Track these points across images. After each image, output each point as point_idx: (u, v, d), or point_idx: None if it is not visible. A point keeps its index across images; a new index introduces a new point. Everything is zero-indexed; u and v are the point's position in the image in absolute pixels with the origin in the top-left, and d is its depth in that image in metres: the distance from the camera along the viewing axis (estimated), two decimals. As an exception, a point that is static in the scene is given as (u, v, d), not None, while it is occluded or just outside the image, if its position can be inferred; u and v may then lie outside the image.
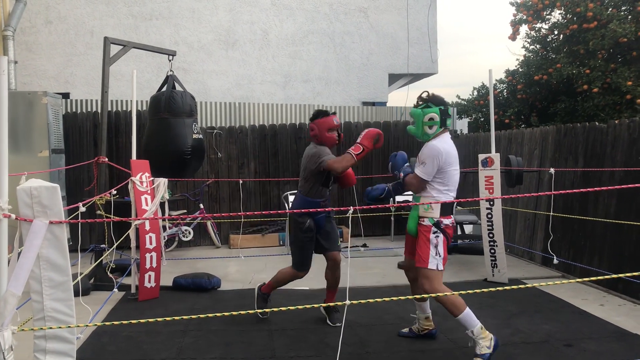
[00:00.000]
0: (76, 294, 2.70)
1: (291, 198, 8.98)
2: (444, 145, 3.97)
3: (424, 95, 4.09)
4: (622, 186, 3.25)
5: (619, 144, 5.88)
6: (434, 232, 3.97)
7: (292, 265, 4.77)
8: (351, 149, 4.34)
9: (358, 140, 4.39)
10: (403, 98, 20.35)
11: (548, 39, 10.49)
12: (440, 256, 3.95)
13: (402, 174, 4.15)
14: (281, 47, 11.91)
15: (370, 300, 3.37)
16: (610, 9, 9.31)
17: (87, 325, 2.87)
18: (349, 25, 12.29)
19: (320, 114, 4.53)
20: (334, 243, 4.71)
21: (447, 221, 4.01)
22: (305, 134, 9.47)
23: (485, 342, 3.83)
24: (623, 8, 9.61)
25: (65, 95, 10.07)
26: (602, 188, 3.37)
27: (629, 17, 9.07)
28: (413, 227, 4.13)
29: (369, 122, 9.93)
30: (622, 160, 5.80)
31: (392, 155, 4.33)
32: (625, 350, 4.05)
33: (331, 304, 4.25)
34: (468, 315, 3.87)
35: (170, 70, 6.91)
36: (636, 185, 3.16)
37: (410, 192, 4.20)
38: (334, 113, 4.56)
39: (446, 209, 3.98)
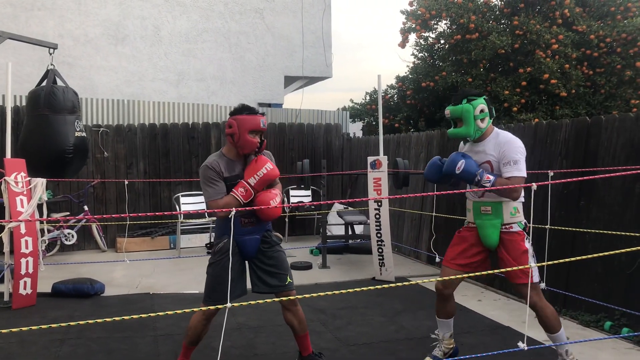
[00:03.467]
0: None
1: (183, 200, 8.78)
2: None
3: (460, 91, 3.65)
4: (498, 187, 3.47)
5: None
6: (527, 239, 3.54)
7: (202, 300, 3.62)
8: (237, 190, 3.46)
9: (249, 180, 3.49)
10: (298, 100, 20.51)
11: (435, 48, 11.00)
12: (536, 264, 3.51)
13: (490, 177, 3.44)
14: (174, 45, 11.62)
15: (260, 302, 3.35)
16: (490, 22, 9.92)
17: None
18: (244, 26, 12.23)
19: (245, 110, 3.54)
20: (280, 278, 3.61)
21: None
22: (198, 134, 9.29)
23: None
24: (502, 22, 10.29)
25: None
26: (483, 189, 3.56)
27: (507, 30, 9.72)
28: (496, 237, 3.55)
29: (263, 123, 9.89)
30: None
31: (449, 160, 3.62)
32: (498, 342, 4.32)
33: (309, 351, 3.75)
34: (563, 333, 3.55)
35: (51, 64, 6.52)
36: (511, 186, 3.38)
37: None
38: (263, 114, 3.61)
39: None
